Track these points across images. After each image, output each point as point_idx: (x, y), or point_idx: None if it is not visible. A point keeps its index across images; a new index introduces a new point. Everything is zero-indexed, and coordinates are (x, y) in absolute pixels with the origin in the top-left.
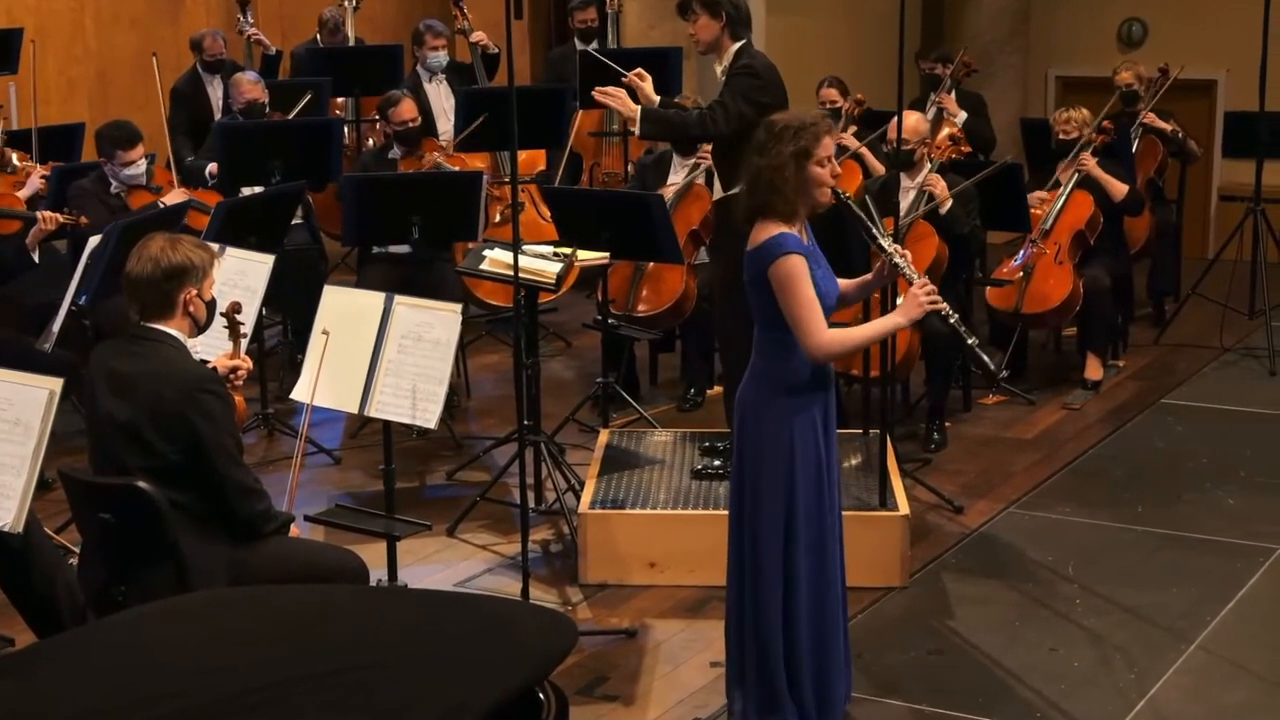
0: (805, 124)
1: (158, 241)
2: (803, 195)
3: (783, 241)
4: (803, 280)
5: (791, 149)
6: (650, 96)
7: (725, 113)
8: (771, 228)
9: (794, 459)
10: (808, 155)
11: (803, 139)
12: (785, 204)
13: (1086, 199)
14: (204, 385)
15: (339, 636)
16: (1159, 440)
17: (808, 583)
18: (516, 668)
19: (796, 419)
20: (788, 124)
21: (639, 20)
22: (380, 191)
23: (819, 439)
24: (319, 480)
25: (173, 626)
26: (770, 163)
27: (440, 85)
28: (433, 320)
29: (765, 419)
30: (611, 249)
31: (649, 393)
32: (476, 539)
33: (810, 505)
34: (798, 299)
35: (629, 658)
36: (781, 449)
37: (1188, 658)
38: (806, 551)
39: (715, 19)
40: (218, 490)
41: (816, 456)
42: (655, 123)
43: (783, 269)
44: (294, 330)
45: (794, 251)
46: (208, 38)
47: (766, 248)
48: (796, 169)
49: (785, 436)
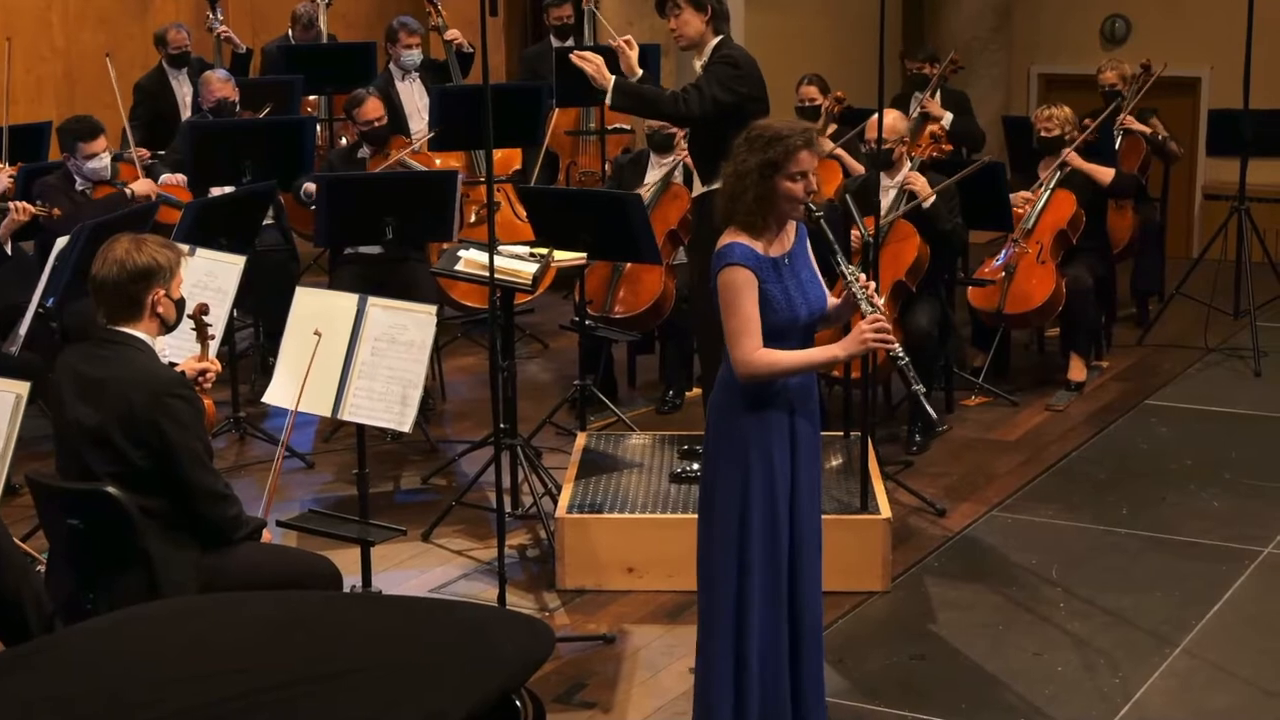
0: (780, 136)
1: (122, 243)
2: (768, 208)
3: (728, 252)
4: (740, 294)
5: (758, 160)
6: (633, 66)
7: (700, 96)
8: (729, 235)
9: (749, 476)
10: (775, 168)
11: (773, 151)
12: (746, 213)
13: (1069, 198)
14: (172, 389)
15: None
16: (1143, 442)
17: (760, 606)
18: (492, 675)
19: (753, 435)
20: (762, 133)
21: (616, 17)
22: (353, 191)
23: (777, 467)
24: (291, 485)
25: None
26: (736, 169)
27: (413, 84)
28: (407, 322)
29: (725, 430)
30: (589, 249)
31: (627, 395)
32: (452, 544)
33: (764, 525)
34: (730, 311)
35: (607, 664)
36: (736, 464)
37: (1173, 662)
38: (758, 569)
39: (700, 12)
40: (187, 496)
41: (781, 473)
42: (627, 95)
43: (722, 279)
44: (265, 333)
45: (737, 263)
46: (171, 30)
47: (718, 255)
48: (760, 179)
49: (741, 454)
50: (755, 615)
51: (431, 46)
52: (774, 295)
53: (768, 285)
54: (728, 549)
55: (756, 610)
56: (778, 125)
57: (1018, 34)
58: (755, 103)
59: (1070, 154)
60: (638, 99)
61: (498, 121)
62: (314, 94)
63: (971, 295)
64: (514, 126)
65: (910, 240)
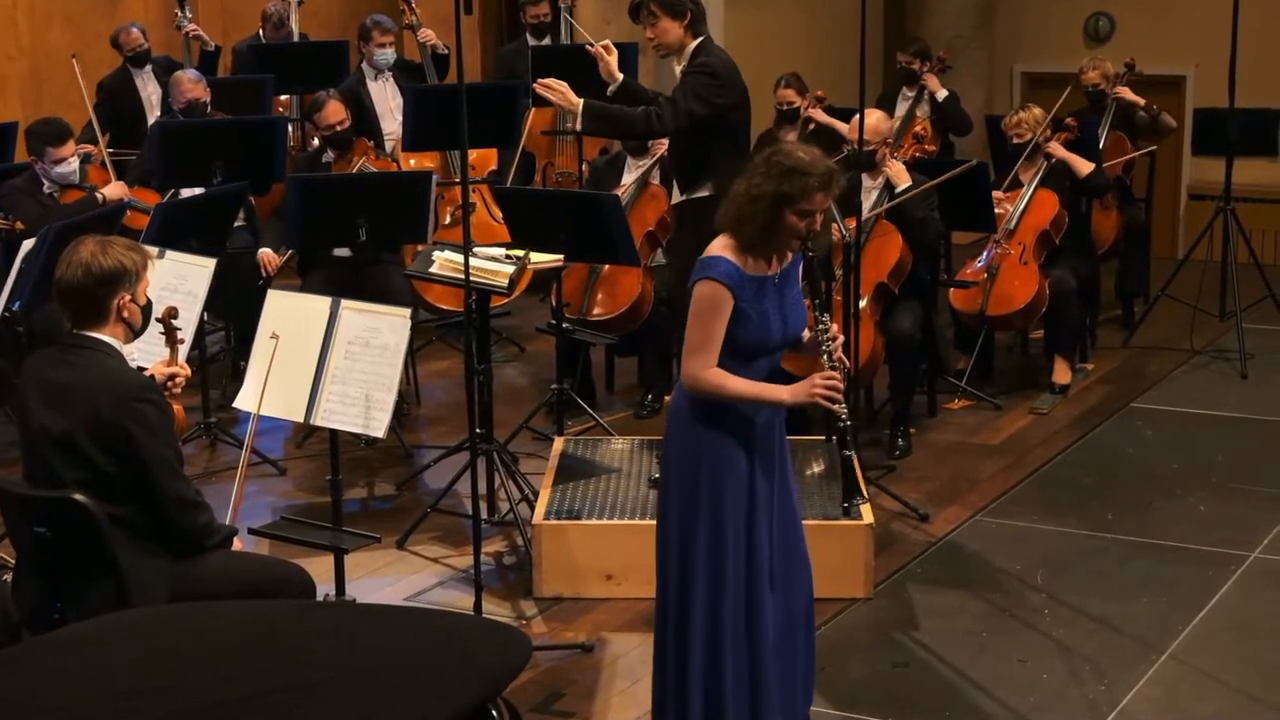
0: (802, 171)
1: (88, 245)
2: (769, 236)
3: (713, 265)
4: (712, 311)
5: (773, 189)
6: (613, 72)
7: (674, 110)
8: (720, 247)
9: (716, 485)
10: (789, 201)
11: (790, 185)
12: (746, 235)
13: (1051, 198)
14: (141, 394)
15: (284, 654)
16: (1128, 445)
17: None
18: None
19: (719, 443)
20: (784, 160)
21: (593, 15)
22: (325, 192)
23: (755, 468)
24: (263, 492)
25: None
26: (750, 191)
27: (386, 84)
28: (381, 325)
29: (685, 440)
30: (566, 251)
31: (605, 399)
32: (427, 551)
33: (738, 534)
34: (697, 323)
35: (585, 673)
36: (699, 471)
37: (1159, 668)
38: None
39: (678, 20)
40: (157, 503)
41: (748, 486)
42: (598, 118)
43: (699, 291)
44: (236, 336)
45: (718, 280)
46: (122, 33)
47: (703, 264)
48: (771, 208)
49: (706, 458)
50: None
51: (406, 46)
52: (749, 315)
53: (744, 304)
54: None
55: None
56: (802, 157)
57: (1000, 32)
58: (736, 111)
59: (1053, 145)
60: (608, 121)
61: (473, 121)
62: (285, 94)
63: (954, 297)
64: (489, 126)
65: (891, 239)
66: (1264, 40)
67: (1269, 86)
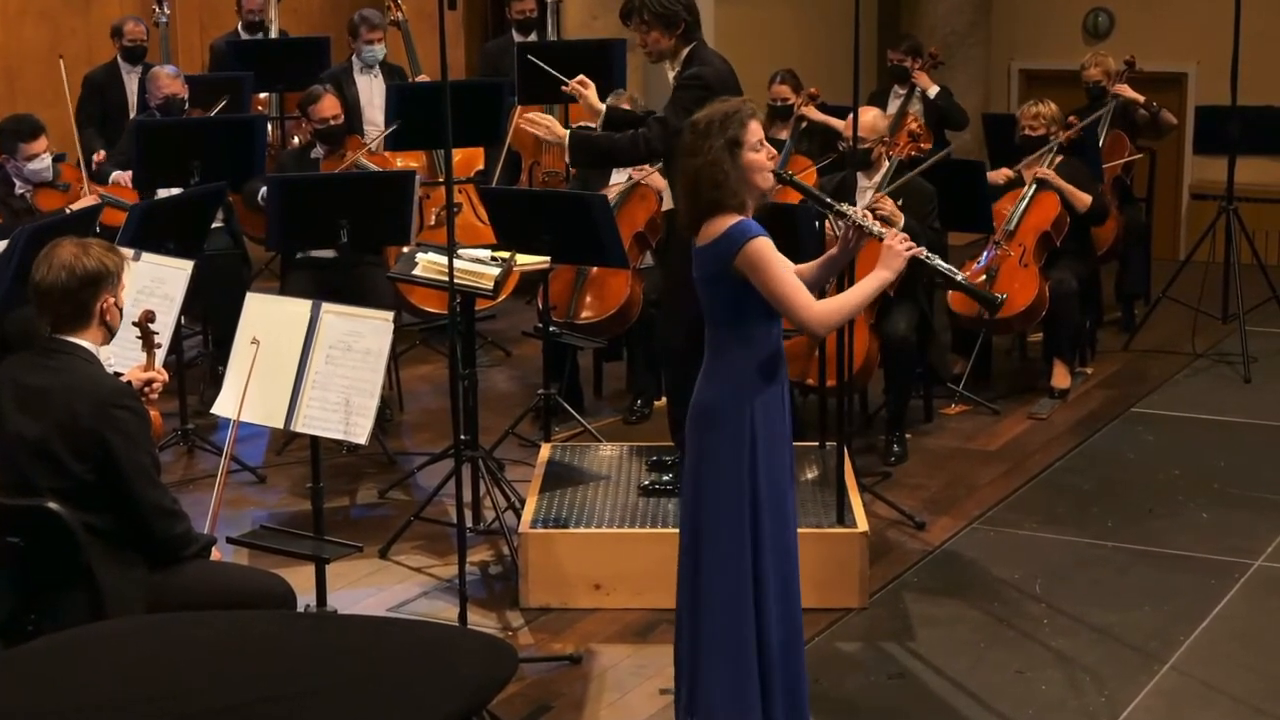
0: (728, 114)
1: (67, 247)
2: (746, 185)
3: (746, 227)
4: (777, 258)
5: (721, 141)
6: (594, 105)
7: (664, 130)
8: (727, 219)
9: (755, 450)
10: (739, 144)
11: (730, 129)
12: (732, 196)
13: (1052, 199)
14: (118, 400)
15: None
16: (1129, 451)
17: (774, 583)
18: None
19: (756, 407)
20: (710, 118)
21: (580, 11)
22: (307, 192)
23: (781, 425)
24: (242, 500)
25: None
26: (706, 159)
27: (374, 79)
28: (363, 329)
29: (724, 417)
30: (552, 253)
31: (593, 404)
32: (411, 561)
33: (775, 497)
34: (778, 278)
35: (573, 685)
36: (743, 442)
37: (1160, 679)
38: (772, 549)
39: (670, 30)
40: (133, 511)
41: (778, 442)
42: (585, 150)
43: (753, 252)
44: (215, 341)
45: (760, 234)
46: (129, 22)
47: (729, 236)
48: (732, 160)
49: (746, 429)
50: (770, 600)
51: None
52: None
53: None
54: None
55: (771, 594)
56: (714, 108)
57: (997, 28)
58: None
59: (1049, 173)
60: (597, 153)
61: (457, 120)
62: (264, 91)
63: (952, 299)
64: (475, 125)
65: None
66: (1267, 36)
67: (1272, 83)
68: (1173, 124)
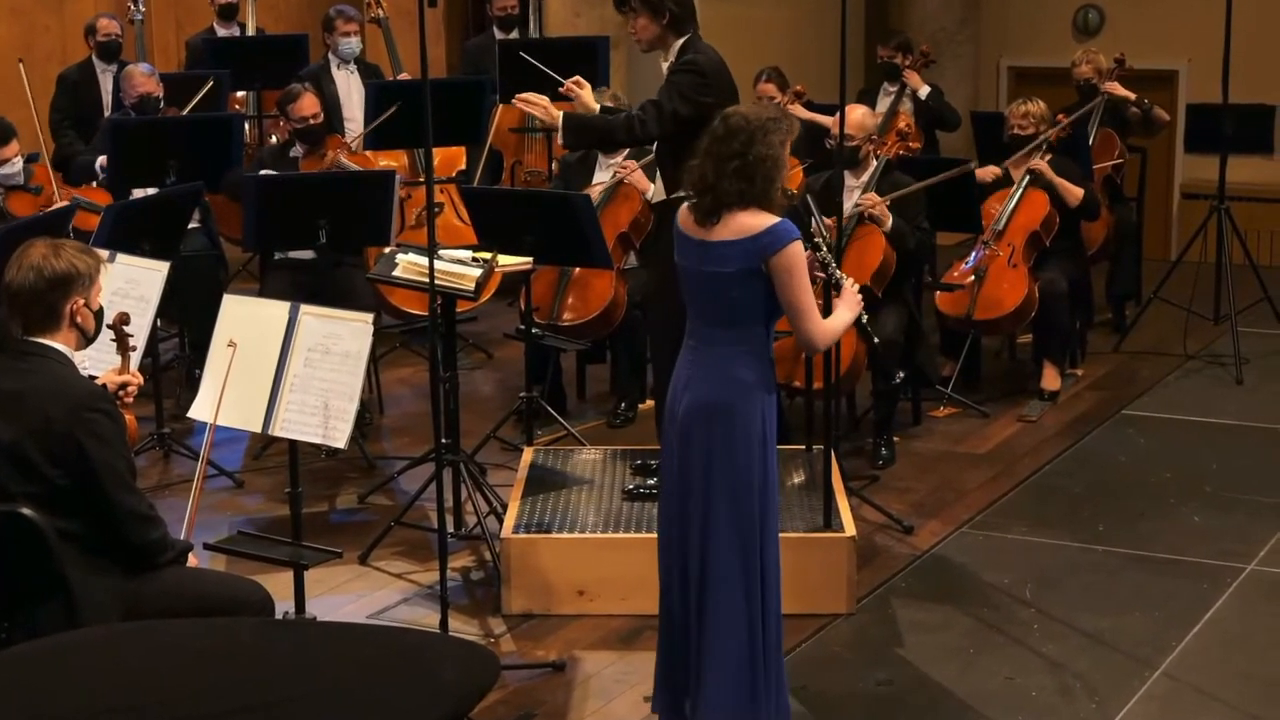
0: (781, 117)
1: (39, 248)
2: (785, 184)
3: (791, 228)
4: (805, 269)
5: (782, 139)
6: (590, 105)
7: (658, 114)
8: (768, 216)
9: (767, 449)
10: (786, 147)
11: (786, 132)
12: (779, 194)
13: (1041, 198)
14: (93, 403)
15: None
16: (1120, 454)
17: (777, 579)
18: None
19: (768, 409)
20: (771, 115)
21: (563, 7)
22: (284, 192)
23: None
24: (219, 505)
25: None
26: (770, 153)
27: (351, 75)
28: (342, 331)
29: (740, 417)
30: (535, 253)
31: (576, 408)
32: (391, 567)
33: (776, 491)
34: (805, 286)
35: (557, 693)
36: (754, 442)
37: (1152, 685)
38: (775, 542)
39: (657, 19)
40: (109, 517)
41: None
42: (579, 130)
43: (793, 255)
44: (191, 343)
45: (800, 238)
46: (103, 19)
47: (774, 233)
48: (785, 158)
49: (758, 428)
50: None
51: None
52: None
53: None
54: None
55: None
56: (765, 109)
57: (986, 25)
58: (724, 109)
59: (1039, 163)
60: (591, 132)
61: (438, 118)
62: (241, 89)
63: (940, 301)
64: (456, 123)
65: (874, 240)
66: (1259, 32)
67: (1265, 81)
68: (1165, 121)
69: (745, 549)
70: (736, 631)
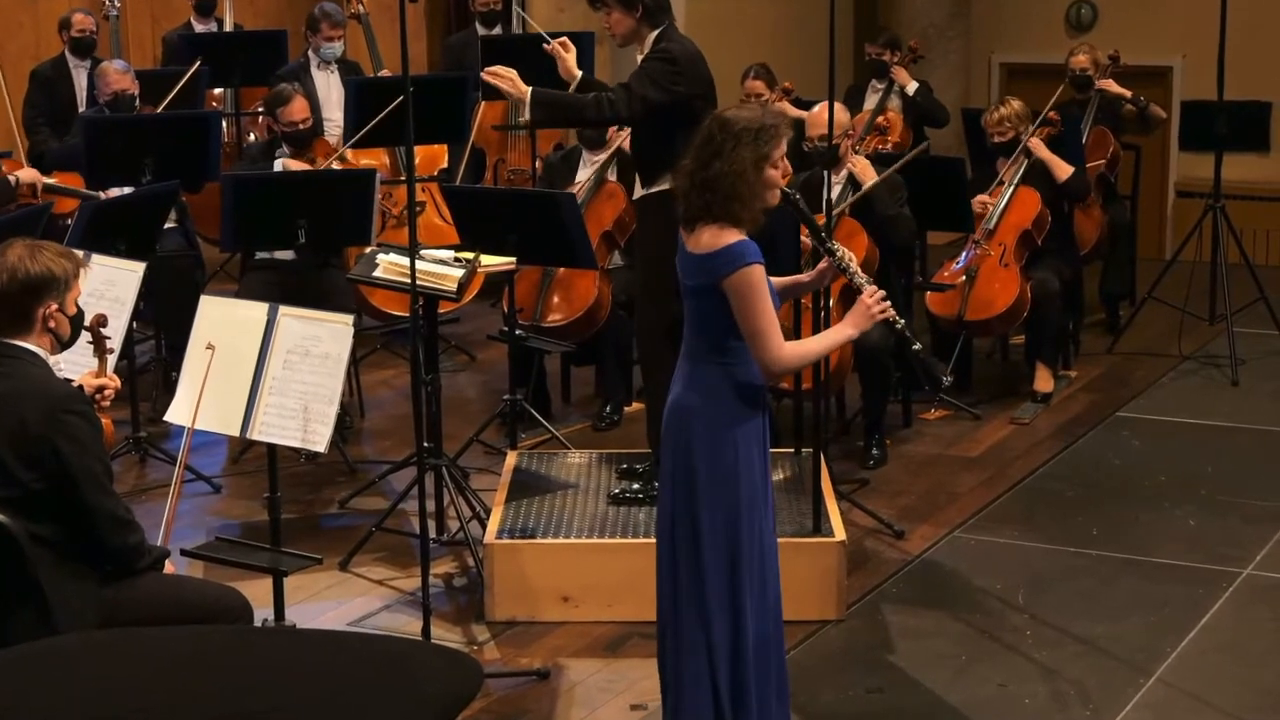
0: (765, 126)
1: (15, 249)
2: (759, 201)
3: (745, 251)
4: (763, 292)
5: (752, 155)
6: (572, 70)
7: (628, 96)
8: (729, 234)
9: (738, 474)
10: (766, 160)
11: (763, 145)
12: (743, 210)
13: (1033, 196)
14: (69, 405)
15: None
16: (1114, 457)
17: (752, 607)
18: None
19: (740, 431)
20: (747, 125)
21: (546, 4)
22: (263, 191)
23: (761, 454)
24: (198, 510)
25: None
26: (730, 168)
27: (331, 75)
28: (322, 333)
29: (708, 431)
30: (518, 253)
31: (561, 410)
32: (372, 573)
33: (753, 521)
34: (757, 311)
35: (541, 701)
36: (725, 463)
37: (1147, 691)
38: (749, 571)
39: (630, 12)
40: (85, 522)
41: (759, 471)
42: (547, 106)
43: (745, 280)
44: (168, 345)
45: (756, 262)
46: (77, 14)
47: (727, 255)
48: (755, 174)
49: (730, 450)
50: (748, 602)
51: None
52: (770, 285)
53: (768, 280)
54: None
55: (749, 598)
56: (752, 115)
57: (978, 20)
58: (699, 100)
59: (1034, 141)
60: (559, 109)
61: (419, 116)
62: (219, 86)
63: (930, 301)
64: (437, 121)
65: (857, 239)
66: (1254, 28)
67: (1260, 77)
68: (1162, 118)
69: (707, 570)
70: (697, 651)
